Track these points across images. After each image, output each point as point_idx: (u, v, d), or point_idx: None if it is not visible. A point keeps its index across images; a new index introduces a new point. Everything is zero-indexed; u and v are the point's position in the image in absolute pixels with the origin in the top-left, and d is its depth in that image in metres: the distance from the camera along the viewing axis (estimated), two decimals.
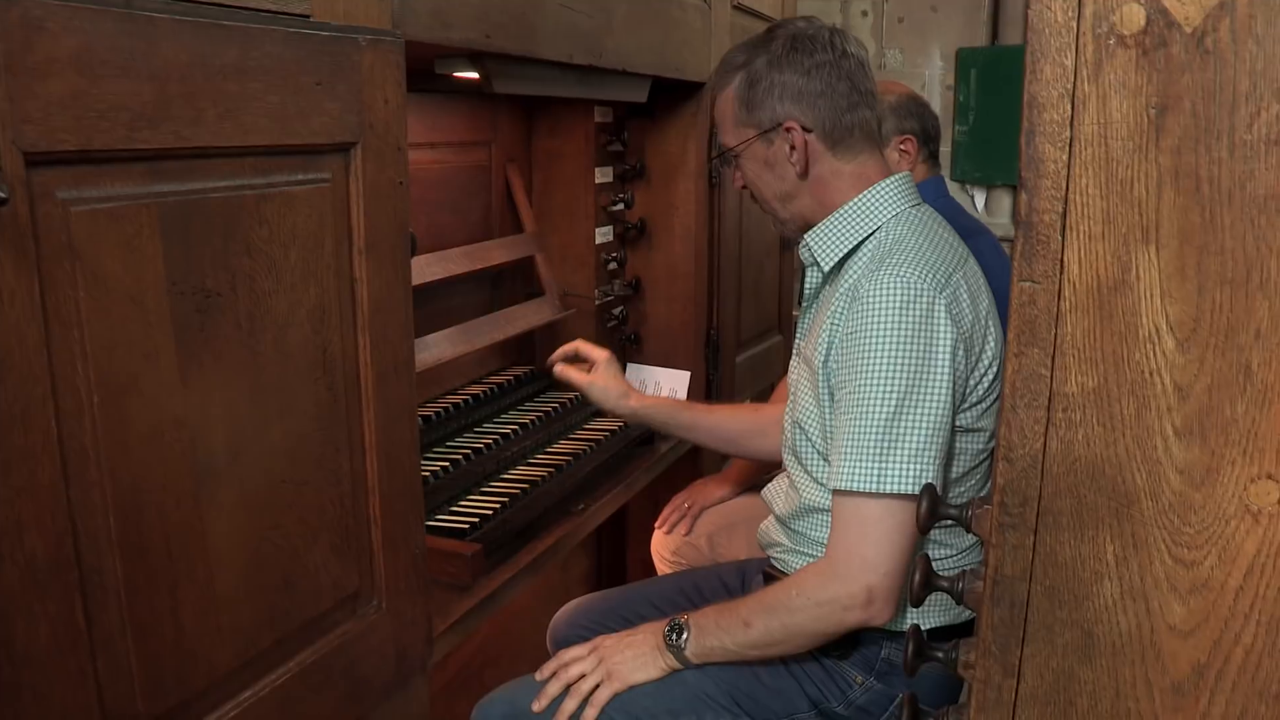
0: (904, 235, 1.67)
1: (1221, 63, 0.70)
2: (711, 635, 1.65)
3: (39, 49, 0.92)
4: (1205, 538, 0.78)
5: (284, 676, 1.33)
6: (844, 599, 1.54)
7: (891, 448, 1.52)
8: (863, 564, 1.53)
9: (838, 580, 1.55)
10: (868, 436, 1.53)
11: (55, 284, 0.98)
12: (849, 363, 1.58)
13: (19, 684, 0.98)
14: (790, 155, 1.74)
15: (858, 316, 1.57)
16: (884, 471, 1.52)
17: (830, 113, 1.72)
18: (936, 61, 5.37)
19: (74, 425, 1.02)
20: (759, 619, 1.62)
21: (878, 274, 1.57)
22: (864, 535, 1.54)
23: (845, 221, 1.73)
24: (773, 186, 1.80)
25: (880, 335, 1.54)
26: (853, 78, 1.73)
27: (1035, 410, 0.80)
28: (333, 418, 1.37)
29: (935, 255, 1.62)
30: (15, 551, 0.96)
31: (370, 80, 1.35)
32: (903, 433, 1.52)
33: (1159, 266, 0.74)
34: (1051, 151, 0.75)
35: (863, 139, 1.75)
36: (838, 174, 1.75)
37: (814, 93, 1.71)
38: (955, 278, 1.60)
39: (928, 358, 1.53)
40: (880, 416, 1.52)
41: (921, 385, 1.53)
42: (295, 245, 1.27)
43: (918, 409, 1.52)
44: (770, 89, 1.73)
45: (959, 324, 1.56)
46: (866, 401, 1.54)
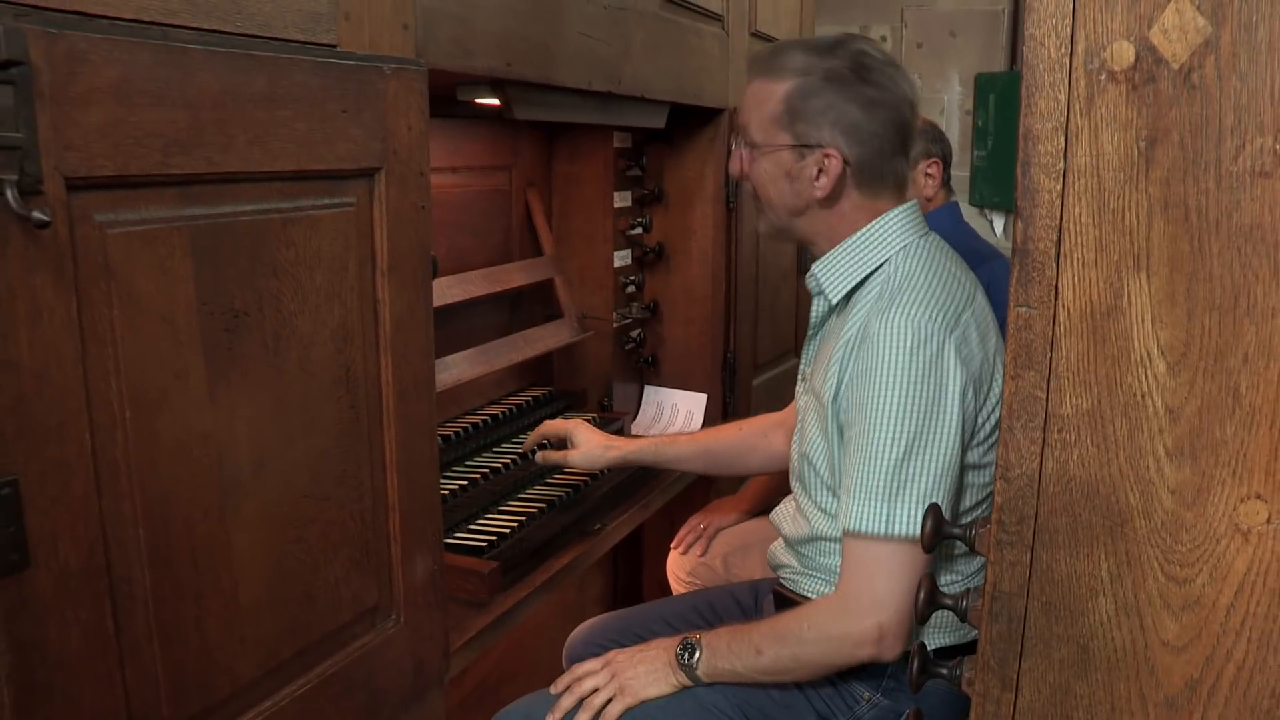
0: (913, 270, 1.66)
1: (1207, 98, 0.73)
2: (723, 658, 1.67)
3: (82, 80, 0.97)
4: (1197, 556, 0.80)
5: (304, 687, 1.36)
6: (855, 635, 1.56)
7: (901, 491, 1.53)
8: (874, 602, 1.55)
9: (849, 617, 1.57)
10: (877, 479, 1.54)
11: (92, 303, 1.03)
12: (859, 403, 1.58)
13: (51, 686, 1.01)
14: (817, 177, 1.69)
15: (868, 357, 1.57)
16: (893, 515, 1.53)
17: (874, 155, 1.69)
18: (955, 86, 5.40)
19: (106, 439, 1.06)
20: (770, 647, 1.63)
21: (888, 314, 1.57)
22: (875, 574, 1.56)
23: (853, 254, 1.72)
24: (785, 197, 1.75)
25: (890, 378, 1.54)
26: (906, 127, 1.71)
27: (1031, 431, 0.82)
28: (354, 435, 1.41)
29: (945, 294, 1.62)
30: (50, 559, 1.00)
31: (394, 107, 1.40)
32: (912, 476, 1.53)
33: (1150, 293, 0.77)
34: (1046, 182, 0.78)
35: (892, 185, 1.74)
36: (857, 208, 1.72)
37: (869, 131, 1.67)
38: (965, 317, 1.61)
39: (937, 400, 1.54)
40: (890, 459, 1.53)
41: (931, 428, 1.54)
42: (320, 267, 1.31)
43: (927, 452, 1.54)
44: (826, 110, 1.67)
45: (968, 365, 1.56)
46: (876, 444, 1.55)
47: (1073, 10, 0.75)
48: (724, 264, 2.90)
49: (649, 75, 2.29)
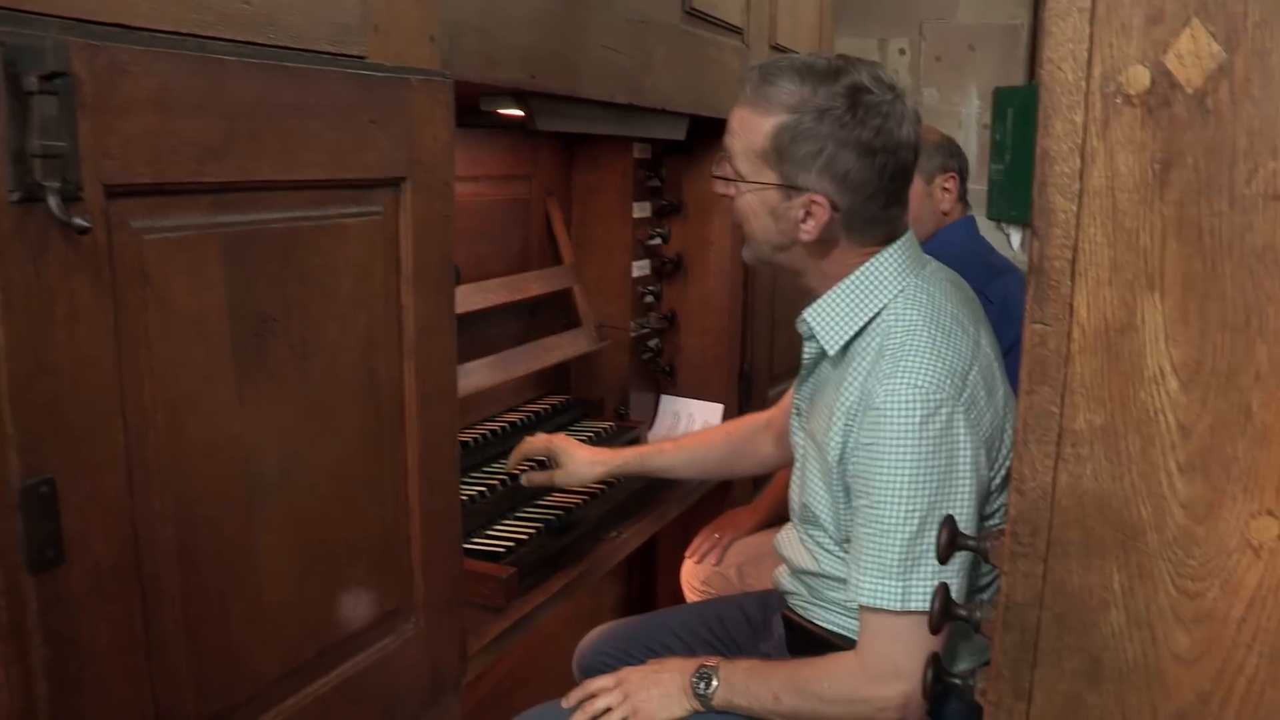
0: (915, 323, 1.58)
1: (1221, 122, 0.75)
2: (739, 695, 1.66)
3: (122, 90, 1.00)
4: (1208, 570, 0.82)
5: (325, 687, 1.39)
6: (878, 702, 1.54)
7: (916, 566, 1.51)
8: (896, 672, 1.53)
9: (871, 684, 1.55)
10: (891, 554, 1.52)
11: (127, 307, 1.05)
12: (868, 476, 1.54)
13: (82, 680, 1.03)
14: (804, 220, 1.60)
15: (875, 428, 1.52)
16: (909, 590, 1.51)
17: (865, 205, 1.59)
18: (974, 100, 5.41)
19: (139, 439, 1.08)
20: (788, 697, 1.62)
21: (893, 381, 1.51)
22: (896, 646, 1.53)
23: (847, 301, 1.64)
24: (768, 233, 1.66)
25: (900, 453, 1.50)
26: (903, 175, 1.61)
27: (1045, 445, 0.84)
28: (378, 439, 1.43)
29: (950, 351, 1.55)
30: (83, 556, 1.02)
31: (421, 118, 1.42)
32: (926, 550, 1.51)
33: (1163, 311, 0.79)
34: (1062, 202, 0.80)
35: (884, 231, 1.65)
36: (844, 252, 1.64)
37: (860, 180, 1.57)
38: (971, 376, 1.55)
39: (949, 473, 1.51)
40: (903, 536, 1.51)
41: (944, 502, 1.51)
42: (347, 274, 1.34)
43: (939, 525, 1.51)
44: (816, 155, 1.56)
45: (977, 429, 1.53)
46: (889, 519, 1.52)
47: (1089, 35, 0.77)
48: (741, 275, 2.92)
49: (669, 87, 2.31)
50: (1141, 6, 0.76)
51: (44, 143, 0.92)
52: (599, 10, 1.97)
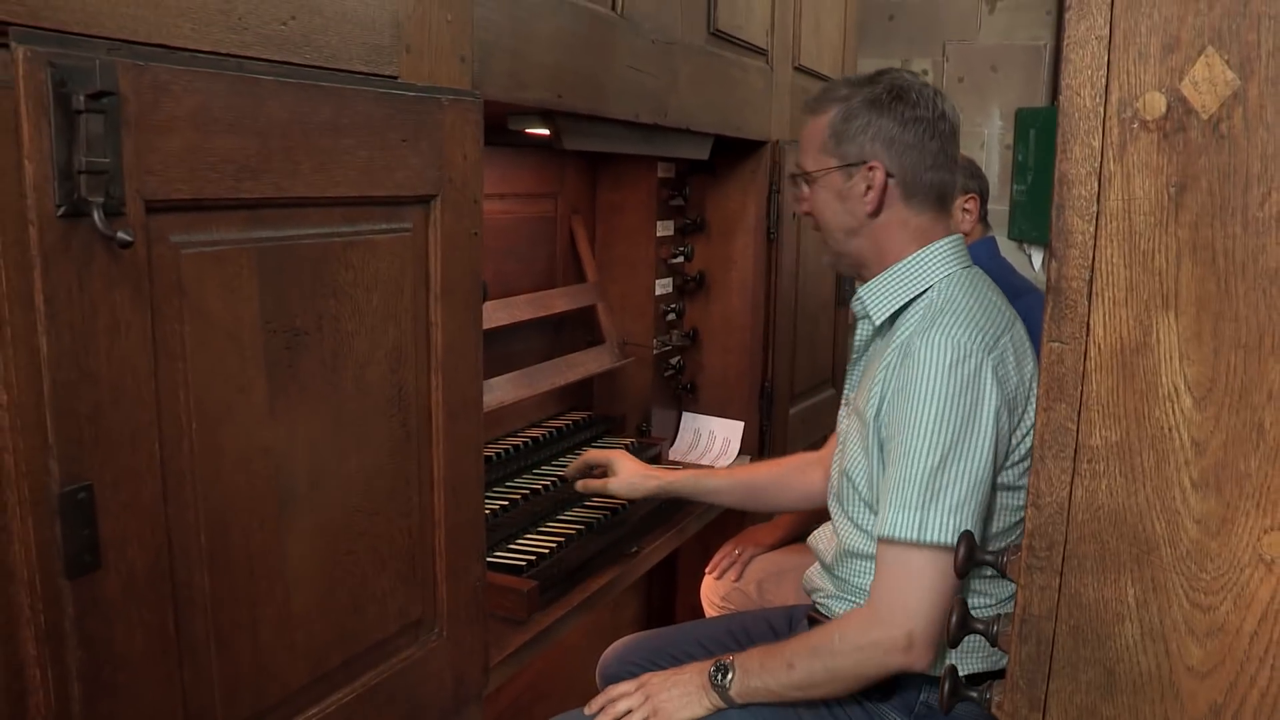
0: (955, 295, 1.73)
1: (1235, 147, 0.77)
2: (755, 676, 1.70)
3: (163, 108, 1.03)
4: (1221, 584, 0.83)
5: (350, 696, 1.41)
6: (885, 643, 1.59)
7: (935, 499, 1.58)
8: (904, 610, 1.59)
9: (880, 625, 1.61)
10: (912, 487, 1.59)
11: (165, 319, 1.08)
12: (898, 417, 1.64)
13: (116, 684, 1.06)
14: (865, 194, 1.79)
15: (908, 372, 1.64)
16: (925, 522, 1.58)
17: (915, 166, 1.78)
18: (996, 121, 5.42)
19: (174, 449, 1.11)
20: (802, 661, 1.66)
21: (929, 333, 1.64)
22: (907, 583, 1.60)
23: (899, 278, 1.79)
24: (840, 219, 1.84)
25: (929, 391, 1.60)
26: (943, 139, 1.80)
27: (1062, 461, 0.86)
28: (405, 452, 1.46)
29: (985, 318, 1.68)
30: (119, 562, 1.05)
31: (451, 137, 1.45)
32: (945, 485, 1.58)
33: (1178, 331, 0.81)
34: (1080, 224, 0.82)
35: (936, 199, 1.81)
36: (904, 224, 1.80)
37: (905, 143, 1.77)
38: (1003, 340, 1.67)
39: (973, 415, 1.59)
40: (925, 468, 1.59)
41: (965, 441, 1.59)
42: (377, 289, 1.36)
43: (960, 463, 1.58)
44: (865, 128, 1.78)
45: (1004, 385, 1.62)
46: (913, 454, 1.60)
47: (1107, 62, 0.79)
48: (764, 294, 2.94)
49: (694, 107, 2.34)
50: (1158, 35, 0.78)
51: (89, 159, 0.95)
52: (625, 31, 2.00)
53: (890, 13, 5.52)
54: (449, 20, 1.47)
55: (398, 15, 1.38)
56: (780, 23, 2.84)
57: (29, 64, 0.90)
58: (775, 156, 2.86)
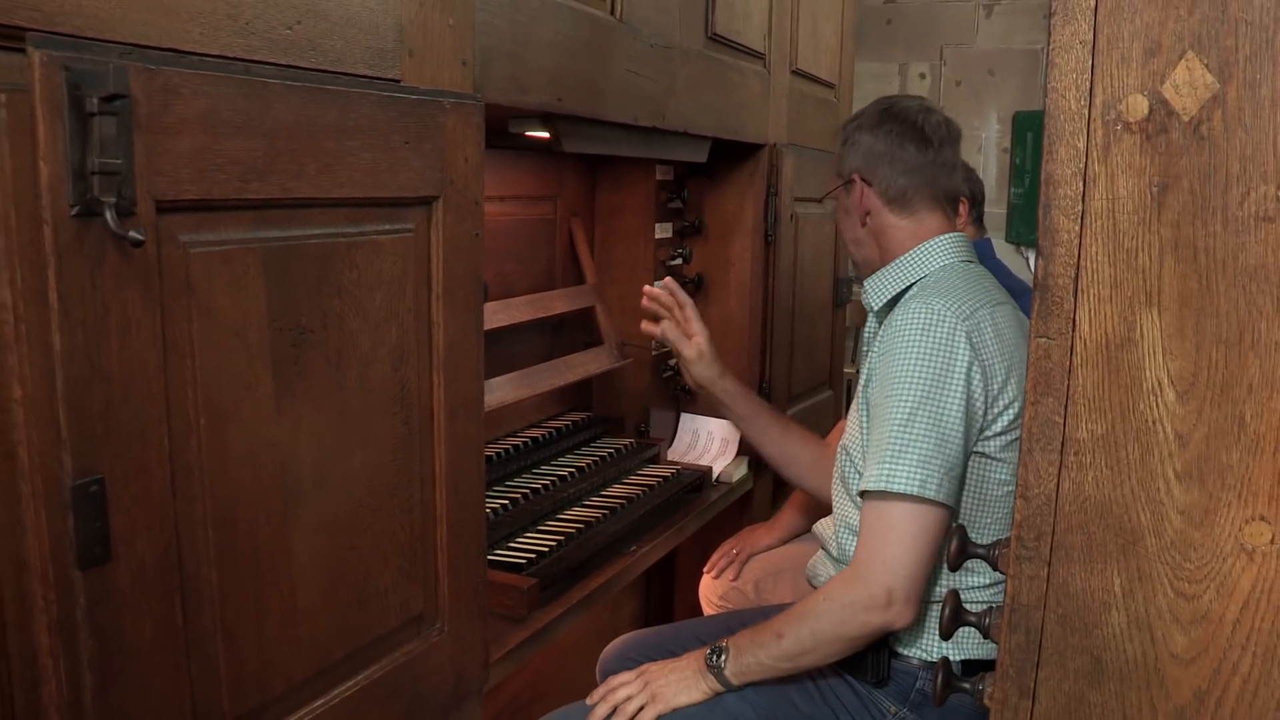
0: (944, 279, 1.83)
1: (1215, 148, 0.79)
2: (748, 652, 1.74)
3: (173, 111, 1.05)
4: (1205, 573, 0.86)
5: (353, 689, 1.43)
6: (864, 600, 1.64)
7: (903, 451, 1.64)
8: (883, 566, 1.64)
9: (859, 582, 1.66)
10: (885, 440, 1.66)
11: (174, 317, 1.10)
12: (879, 381, 1.74)
13: (126, 674, 1.08)
14: (858, 205, 1.94)
15: (888, 339, 1.74)
16: (894, 473, 1.63)
17: (889, 173, 1.90)
18: (993, 124, 5.45)
19: (182, 444, 1.13)
20: (788, 628, 1.72)
21: (909, 303, 1.75)
22: (885, 538, 1.65)
23: (897, 269, 1.90)
24: (847, 231, 2.02)
25: (903, 352, 1.69)
26: (920, 144, 1.90)
27: (1049, 454, 0.88)
28: (407, 450, 1.48)
29: (966, 293, 1.76)
30: (129, 554, 1.07)
31: (453, 140, 1.47)
32: (913, 438, 1.64)
33: (1161, 327, 0.83)
34: (1065, 223, 0.84)
35: (922, 200, 1.91)
36: (894, 228, 1.92)
37: (878, 152, 1.90)
38: (980, 313, 1.73)
39: (944, 374, 1.66)
40: (896, 422, 1.66)
41: (935, 397, 1.65)
42: (381, 289, 1.39)
43: (930, 417, 1.65)
44: (852, 146, 1.95)
45: (978, 351, 1.69)
46: (887, 409, 1.68)
47: (1091, 66, 0.81)
48: (761, 296, 2.97)
49: (692, 111, 2.37)
50: (1140, 40, 0.80)
51: (102, 160, 0.97)
52: (624, 35, 2.03)
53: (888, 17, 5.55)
54: (451, 25, 1.50)
55: (401, 20, 1.40)
56: (778, 27, 2.87)
57: (45, 68, 0.92)
58: (773, 159, 2.88)
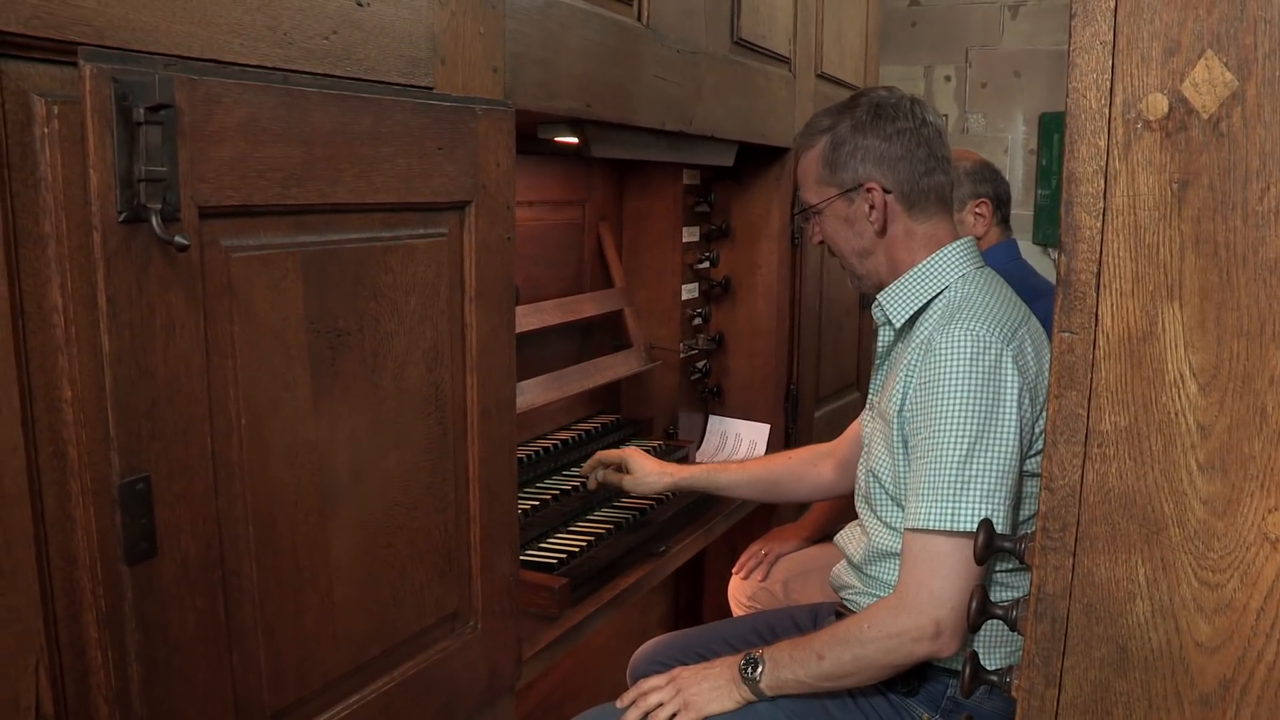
0: (971, 293, 1.78)
1: (1234, 144, 0.81)
2: (785, 668, 1.73)
3: (215, 119, 1.08)
4: (1228, 562, 0.87)
5: (389, 685, 1.46)
6: (913, 631, 1.63)
7: (965, 489, 1.62)
8: (930, 598, 1.62)
9: (906, 613, 1.64)
10: (942, 478, 1.63)
11: (215, 319, 1.14)
12: (923, 411, 1.68)
13: (170, 666, 1.11)
14: (869, 214, 1.86)
15: (931, 368, 1.68)
16: (958, 511, 1.61)
17: (909, 176, 1.84)
18: (1019, 126, 5.44)
19: (224, 443, 1.17)
20: (830, 651, 1.70)
21: (949, 328, 1.68)
22: (934, 571, 1.63)
23: (915, 282, 1.85)
24: (850, 242, 1.91)
25: (952, 385, 1.65)
26: (930, 144, 1.86)
27: (1074, 446, 0.90)
28: (441, 450, 1.51)
29: (1001, 312, 1.73)
30: (174, 550, 1.10)
31: (484, 145, 1.50)
32: (975, 474, 1.62)
33: (1182, 320, 0.85)
34: (1087, 220, 0.86)
35: (936, 203, 1.87)
36: (911, 234, 1.86)
37: (894, 157, 1.84)
38: (1020, 332, 1.71)
39: (996, 404, 1.63)
40: (954, 459, 1.63)
41: (991, 430, 1.63)
42: (415, 292, 1.42)
43: (989, 452, 1.62)
44: (854, 152, 1.85)
45: (1024, 373, 1.66)
46: (941, 446, 1.64)
47: (1111, 66, 0.83)
48: (788, 298, 2.98)
49: (719, 115, 2.39)
50: (1160, 40, 0.82)
51: (148, 168, 1.01)
52: (651, 42, 2.06)
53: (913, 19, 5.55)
54: (481, 33, 1.53)
55: (433, 29, 1.43)
56: (803, 31, 2.88)
57: (95, 80, 0.96)
58: None
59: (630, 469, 2.25)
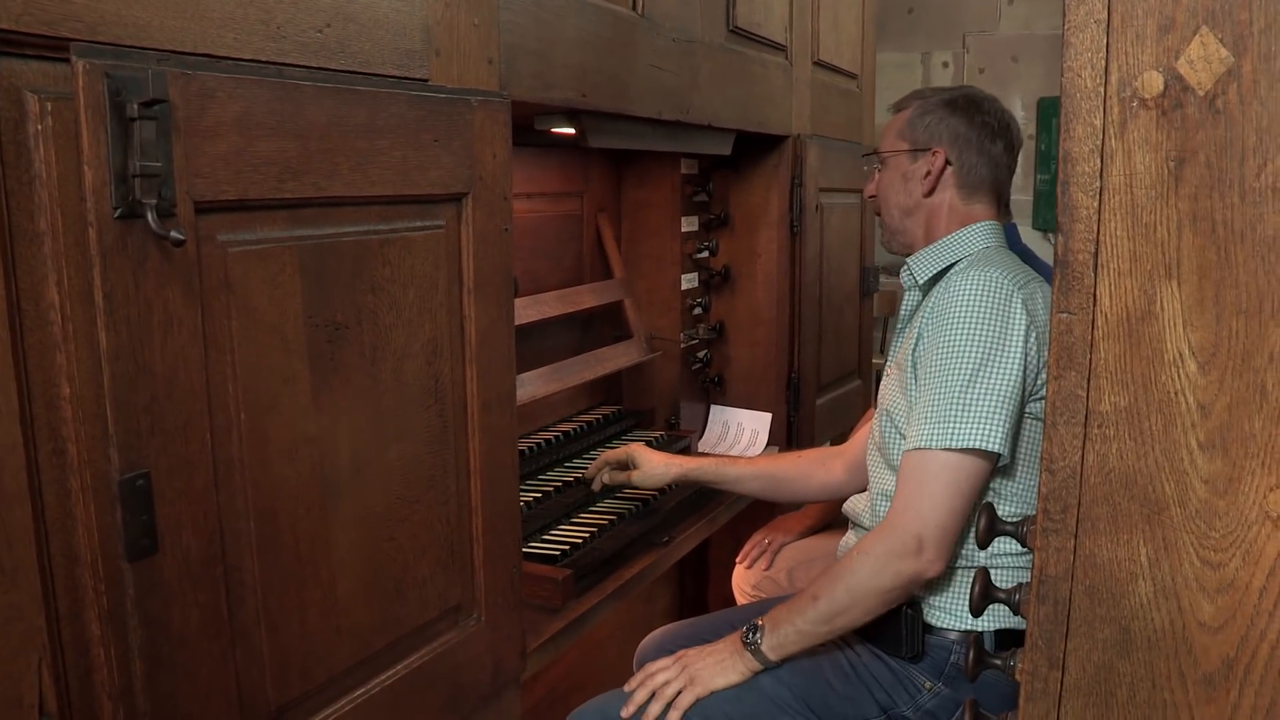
0: (989, 255, 1.88)
1: (1231, 121, 0.80)
2: (785, 622, 1.77)
3: (210, 114, 1.08)
4: (1230, 541, 0.87)
5: (393, 678, 1.46)
6: (897, 548, 1.67)
7: (967, 410, 1.67)
8: (916, 514, 1.68)
9: (891, 531, 1.69)
10: (944, 401, 1.69)
11: (213, 314, 1.14)
12: (932, 342, 1.76)
13: (174, 662, 1.11)
14: (925, 176, 1.97)
15: (943, 304, 1.77)
16: (956, 429, 1.67)
17: (973, 160, 1.96)
18: (1018, 111, 5.43)
19: (224, 438, 1.17)
20: (824, 590, 1.74)
21: (965, 273, 1.78)
22: (921, 488, 1.69)
23: (945, 247, 1.95)
24: (900, 197, 2.03)
25: (961, 315, 1.72)
26: (1005, 146, 1.98)
27: (1074, 427, 0.89)
28: (442, 442, 1.51)
29: (1015, 266, 1.82)
30: (175, 546, 1.10)
31: (481, 137, 1.50)
32: (976, 399, 1.67)
33: (1180, 299, 0.84)
34: (1084, 199, 0.86)
35: (987, 194, 1.99)
36: (952, 209, 1.97)
37: (968, 138, 1.96)
38: (1032, 285, 1.79)
39: (1003, 335, 1.70)
40: (957, 384, 1.69)
41: (995, 358, 1.69)
42: (413, 284, 1.42)
43: (991, 378, 1.68)
44: (938, 121, 1.98)
45: (1033, 315, 1.72)
46: (945, 371, 1.71)
47: (1106, 44, 0.82)
48: (788, 287, 2.98)
49: (716, 104, 2.38)
50: (1154, 17, 0.81)
51: (143, 163, 1.01)
52: (646, 31, 2.05)
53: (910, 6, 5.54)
54: (476, 24, 1.52)
55: (427, 20, 1.43)
56: (799, 18, 2.88)
57: (88, 76, 0.96)
58: (797, 151, 2.90)
59: (637, 463, 2.27)
